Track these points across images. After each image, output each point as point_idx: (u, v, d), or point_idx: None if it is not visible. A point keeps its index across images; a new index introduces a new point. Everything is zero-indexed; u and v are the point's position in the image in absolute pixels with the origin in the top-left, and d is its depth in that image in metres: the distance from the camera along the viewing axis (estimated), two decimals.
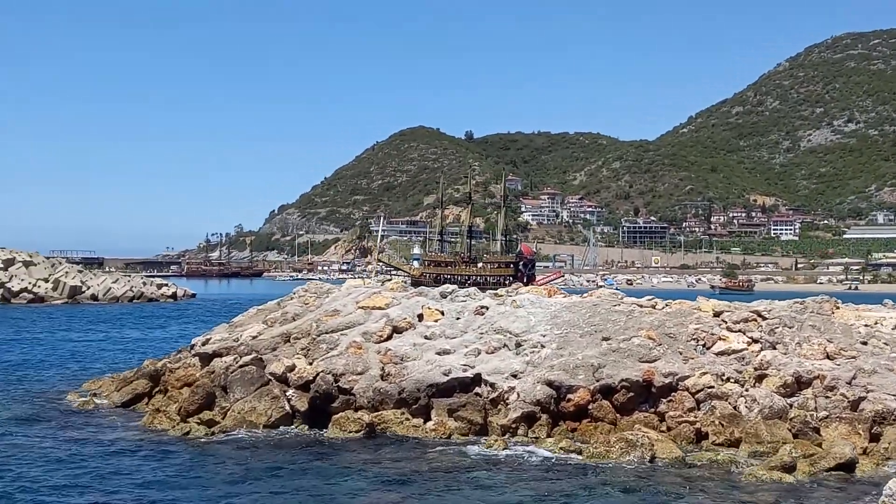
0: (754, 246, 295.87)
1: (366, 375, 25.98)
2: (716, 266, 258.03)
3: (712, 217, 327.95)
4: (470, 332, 27.91)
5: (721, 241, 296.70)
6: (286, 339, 28.83)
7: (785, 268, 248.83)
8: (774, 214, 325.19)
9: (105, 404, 29.66)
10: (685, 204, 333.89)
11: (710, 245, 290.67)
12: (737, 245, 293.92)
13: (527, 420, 24.28)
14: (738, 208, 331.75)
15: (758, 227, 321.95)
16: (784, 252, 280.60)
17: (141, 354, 46.01)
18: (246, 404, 25.78)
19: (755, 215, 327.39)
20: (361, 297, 30.18)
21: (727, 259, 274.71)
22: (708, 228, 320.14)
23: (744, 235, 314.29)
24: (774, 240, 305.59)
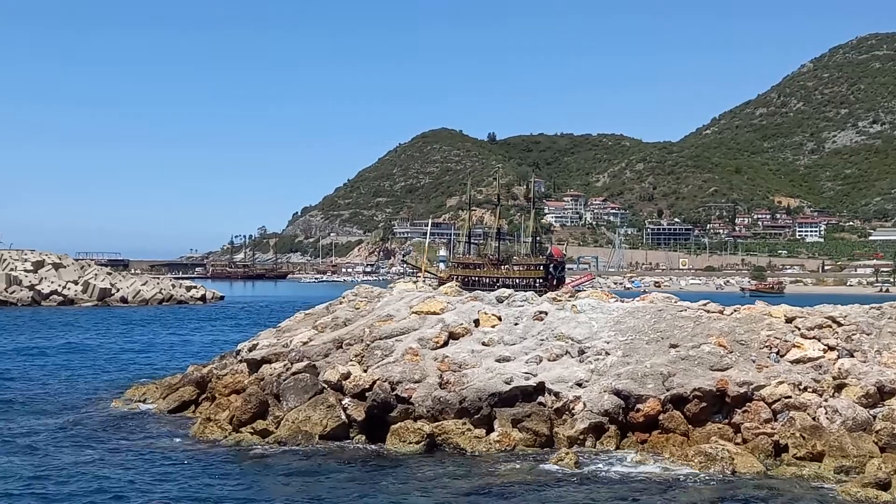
0: (780, 248, 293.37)
1: (424, 384, 25.01)
2: (741, 268, 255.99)
3: (737, 219, 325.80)
4: (529, 339, 26.91)
5: (746, 243, 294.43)
6: (338, 345, 27.92)
7: (812, 270, 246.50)
8: (799, 216, 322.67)
9: (152, 412, 28.88)
10: (709, 206, 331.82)
11: (735, 247, 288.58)
12: (762, 247, 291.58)
13: (594, 431, 23.28)
14: (763, 210, 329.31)
15: (783, 229, 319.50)
16: (810, 254, 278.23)
17: (179, 359, 45.41)
18: (300, 413, 24.85)
19: (780, 217, 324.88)
20: (415, 301, 29.22)
21: (752, 261, 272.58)
22: (732, 230, 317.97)
23: (768, 237, 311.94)
24: (800, 242, 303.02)
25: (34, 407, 29.97)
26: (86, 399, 31.63)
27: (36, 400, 31.42)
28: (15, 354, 46.29)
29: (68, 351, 48.48)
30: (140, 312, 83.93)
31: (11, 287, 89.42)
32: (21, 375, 37.94)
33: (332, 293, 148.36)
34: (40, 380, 36.74)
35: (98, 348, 50.11)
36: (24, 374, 38.26)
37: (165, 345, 53.53)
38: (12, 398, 31.72)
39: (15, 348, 49.36)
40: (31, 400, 31.37)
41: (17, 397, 31.92)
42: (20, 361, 43.29)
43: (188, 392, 29.59)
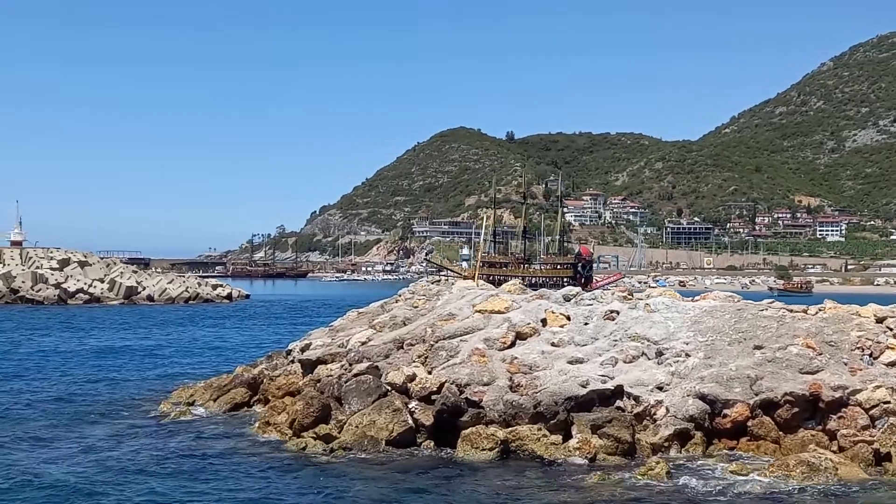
0: (801, 247, 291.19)
1: (493, 386, 23.75)
2: (763, 268, 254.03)
3: (757, 218, 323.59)
4: (602, 339, 25.60)
5: (766, 242, 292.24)
6: (399, 345, 26.70)
7: (835, 269, 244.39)
8: (820, 215, 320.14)
9: (203, 415, 27.70)
10: (729, 205, 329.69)
11: (756, 246, 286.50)
12: (783, 246, 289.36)
13: (679, 438, 21.97)
14: (783, 209, 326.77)
15: (803, 228, 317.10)
16: (832, 253, 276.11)
17: (220, 358, 44.50)
18: (364, 417, 23.62)
19: (800, 216, 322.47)
20: (478, 299, 27.96)
21: (774, 260, 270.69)
22: (752, 229, 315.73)
23: (789, 236, 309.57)
24: (820, 241, 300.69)
25: (82, 409, 28.89)
26: (132, 401, 30.54)
27: (82, 402, 30.35)
28: (54, 354, 45.32)
29: (106, 351, 47.48)
30: (169, 311, 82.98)
31: (38, 285, 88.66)
32: (63, 376, 36.93)
33: (353, 292, 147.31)
34: (83, 380, 35.70)
35: (135, 348, 49.07)
36: (67, 375, 37.22)
37: (203, 344, 52.46)
38: (58, 400, 30.66)
39: (53, 348, 48.37)
40: (78, 402, 30.32)
41: (62, 399, 30.89)
42: (61, 361, 42.28)
43: (240, 394, 28.45)
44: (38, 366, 40.37)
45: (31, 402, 30.07)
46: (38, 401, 30.43)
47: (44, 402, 30.33)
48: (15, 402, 30.01)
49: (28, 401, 30.39)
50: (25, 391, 32.48)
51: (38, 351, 46.72)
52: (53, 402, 30.34)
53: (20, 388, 33.51)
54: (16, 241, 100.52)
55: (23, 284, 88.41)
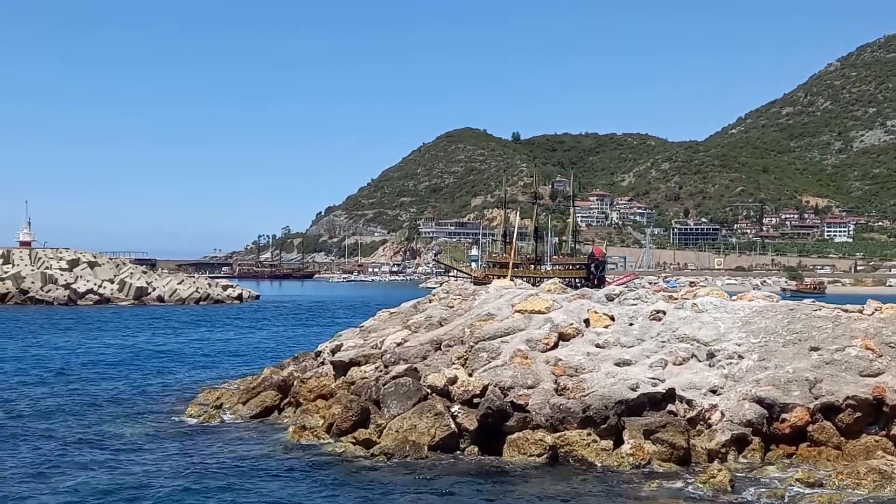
0: (809, 248, 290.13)
1: (538, 389, 22.83)
2: (772, 268, 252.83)
3: (764, 219, 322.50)
4: (648, 341, 24.66)
5: (774, 243, 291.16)
6: (437, 346, 25.79)
7: (844, 270, 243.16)
8: (828, 216, 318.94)
9: (232, 418, 26.78)
10: (736, 205, 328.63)
11: (763, 247, 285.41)
12: (792, 247, 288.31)
13: (736, 444, 21.00)
14: (791, 210, 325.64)
15: (811, 229, 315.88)
16: (840, 254, 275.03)
17: (241, 359, 43.65)
18: (405, 421, 22.69)
19: (808, 217, 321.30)
20: (517, 299, 27.02)
21: (782, 261, 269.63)
22: (760, 230, 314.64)
23: (796, 237, 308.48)
24: (828, 242, 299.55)
25: (105, 413, 28.00)
26: (157, 404, 29.64)
27: (105, 405, 29.45)
28: (71, 356, 44.40)
29: (125, 352, 46.57)
30: (181, 312, 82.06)
31: (47, 286, 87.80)
32: (83, 379, 35.98)
33: (363, 293, 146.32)
34: (104, 383, 34.78)
35: (154, 349, 48.11)
36: (87, 378, 36.29)
37: (221, 345, 51.54)
38: (80, 403, 29.75)
39: (69, 349, 47.47)
40: (101, 405, 29.42)
41: (85, 402, 29.96)
42: (79, 363, 41.37)
43: (270, 397, 27.50)
44: (58, 368, 39.44)
45: (55, 406, 29.19)
46: (62, 404, 29.55)
47: (68, 405, 29.46)
48: (38, 406, 29.12)
49: (51, 405, 29.50)
50: (47, 395, 31.54)
51: (56, 353, 45.77)
52: (77, 405, 29.47)
53: (41, 391, 32.61)
54: (25, 242, 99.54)
55: (32, 285, 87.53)
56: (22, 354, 44.51)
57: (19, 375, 36.67)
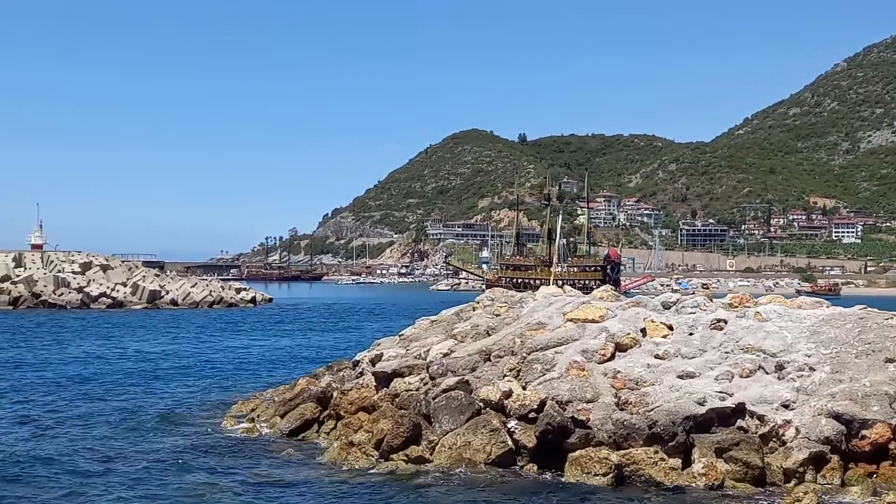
0: (818, 249, 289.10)
1: (598, 404, 21.65)
2: (781, 269, 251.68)
3: (772, 220, 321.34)
4: (711, 351, 23.47)
5: (782, 244, 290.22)
6: (486, 357, 24.63)
7: (854, 271, 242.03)
8: (835, 217, 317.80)
9: (270, 432, 25.62)
10: (743, 206, 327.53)
11: (772, 248, 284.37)
12: (800, 248, 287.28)
13: (814, 463, 19.79)
14: (798, 211, 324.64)
15: (818, 229, 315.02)
16: (849, 255, 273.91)
17: (267, 366, 42.60)
18: (458, 438, 21.54)
19: (815, 218, 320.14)
20: (568, 307, 25.84)
21: (791, 262, 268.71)
22: (767, 231, 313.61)
23: (804, 238, 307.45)
24: (836, 243, 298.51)
25: (133, 425, 26.82)
26: (189, 415, 28.47)
27: (132, 417, 28.24)
28: (92, 363, 43.20)
29: (146, 358, 45.43)
30: (196, 316, 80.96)
31: (60, 289, 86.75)
32: (107, 388, 34.80)
33: (375, 295, 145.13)
34: (129, 392, 33.63)
35: (176, 355, 46.93)
36: (110, 387, 35.11)
37: (244, 351, 50.35)
38: (103, 414, 28.63)
39: (87, 356, 46.26)
40: (128, 417, 28.22)
41: (108, 414, 28.81)
42: (101, 371, 40.20)
43: (309, 409, 26.31)
44: (78, 375, 38.36)
45: (81, 416, 28.06)
46: (87, 413, 28.44)
47: (94, 413, 28.36)
48: (63, 417, 27.99)
49: (77, 414, 28.38)
50: (68, 407, 30.36)
51: (77, 359, 44.69)
52: (105, 413, 28.37)
53: (64, 399, 31.50)
54: (36, 245, 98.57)
55: (45, 288, 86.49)
56: (42, 362, 43.42)
57: (39, 385, 35.55)
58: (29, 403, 30.70)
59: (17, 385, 35.09)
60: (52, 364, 42.43)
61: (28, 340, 54.34)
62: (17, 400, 31.34)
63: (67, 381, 36.40)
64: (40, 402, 31.14)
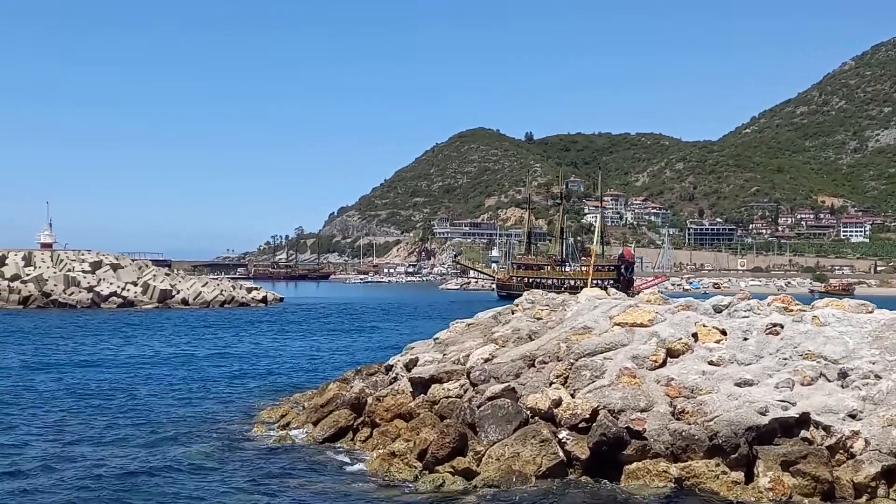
0: (827, 248, 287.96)
1: (653, 413, 20.60)
2: (790, 269, 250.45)
3: (779, 219, 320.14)
4: (768, 357, 22.39)
5: (790, 243, 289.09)
6: (530, 362, 23.58)
7: (864, 270, 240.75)
8: (843, 216, 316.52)
9: (304, 440, 24.60)
10: (751, 205, 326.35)
11: (780, 247, 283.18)
12: (809, 247, 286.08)
13: (887, 477, 18.73)
14: (806, 210, 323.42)
15: (826, 229, 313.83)
16: (858, 254, 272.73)
17: (289, 368, 41.55)
18: (506, 449, 20.49)
19: (823, 217, 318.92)
20: (615, 310, 24.78)
21: (800, 262, 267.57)
22: (775, 230, 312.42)
23: (812, 237, 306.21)
24: (844, 242, 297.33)
25: (160, 432, 25.79)
26: (216, 422, 27.42)
27: (157, 422, 27.26)
28: (111, 366, 42.16)
29: (164, 361, 44.39)
30: (208, 315, 79.95)
31: (70, 288, 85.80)
32: (129, 391, 33.77)
33: (385, 295, 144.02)
34: (151, 397, 32.58)
35: (195, 358, 45.85)
36: (131, 390, 34.08)
37: (263, 353, 49.25)
38: (127, 420, 27.62)
39: (101, 358, 45.22)
40: (153, 422, 27.22)
41: (132, 419, 27.81)
42: (120, 374, 39.17)
43: (343, 416, 25.29)
44: (96, 378, 37.35)
45: (101, 423, 27.06)
46: (108, 419, 27.45)
47: (113, 419, 27.38)
48: (89, 429, 26.95)
49: (96, 421, 27.39)
50: (97, 414, 29.35)
51: (89, 361, 43.69)
52: (123, 418, 27.39)
53: (84, 404, 30.51)
54: (46, 244, 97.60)
55: (55, 288, 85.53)
56: (64, 363, 42.47)
57: (63, 390, 34.57)
58: (47, 412, 29.74)
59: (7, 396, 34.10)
60: (67, 370, 41.44)
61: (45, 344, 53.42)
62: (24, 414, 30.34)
63: (78, 389, 35.41)
64: (55, 412, 30.16)
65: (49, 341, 53.45)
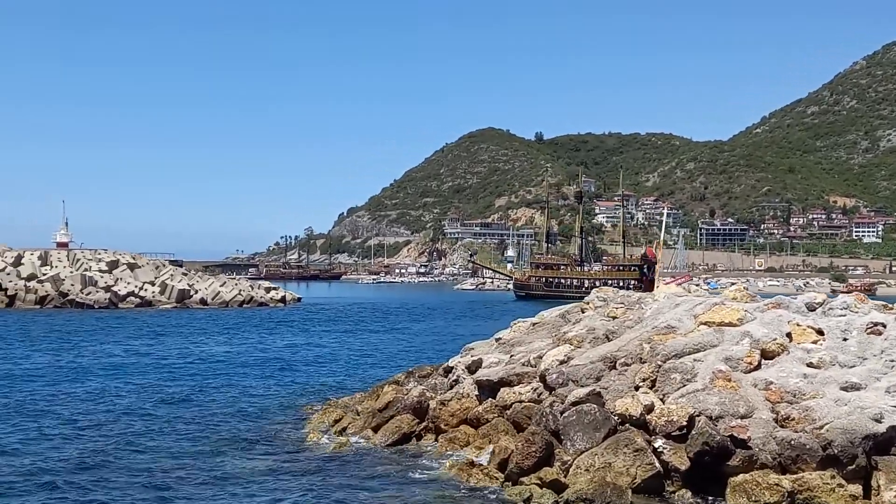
0: (840, 248, 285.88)
1: (754, 420, 18.92)
2: (803, 269, 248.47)
3: (791, 219, 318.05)
4: (872, 359, 20.72)
5: (803, 243, 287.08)
6: (611, 364, 21.92)
7: (879, 271, 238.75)
8: (856, 216, 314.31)
9: (365, 447, 22.95)
10: (763, 205, 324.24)
11: (792, 247, 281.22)
12: (822, 248, 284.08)
13: None
14: (818, 210, 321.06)
15: (839, 229, 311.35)
16: (873, 255, 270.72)
17: (327, 370, 39.98)
18: (596, 458, 18.83)
19: (835, 217, 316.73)
20: (700, 308, 23.11)
21: (813, 262, 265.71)
22: (787, 230, 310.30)
23: (824, 237, 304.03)
24: (857, 242, 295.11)
25: (215, 437, 24.27)
26: (266, 427, 25.80)
27: (209, 427, 25.68)
28: (148, 367, 40.52)
29: (200, 361, 42.80)
30: (229, 315, 78.33)
31: (87, 288, 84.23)
32: (171, 394, 32.14)
33: (400, 295, 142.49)
34: (196, 399, 31.01)
35: (228, 360, 44.10)
36: (173, 393, 32.46)
37: (299, 354, 47.43)
38: (180, 425, 26.03)
39: (136, 360, 43.54)
40: (205, 427, 25.65)
41: (185, 424, 26.24)
42: (160, 376, 37.56)
43: (406, 422, 23.71)
44: (132, 382, 35.77)
45: (146, 429, 25.48)
46: (154, 430, 25.86)
47: (161, 431, 25.77)
48: (128, 429, 25.41)
49: (141, 427, 25.82)
50: (136, 420, 27.69)
51: (120, 363, 42.13)
52: (171, 430, 25.77)
53: (125, 408, 28.91)
54: (62, 243, 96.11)
55: (72, 287, 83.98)
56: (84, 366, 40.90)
57: (95, 394, 32.98)
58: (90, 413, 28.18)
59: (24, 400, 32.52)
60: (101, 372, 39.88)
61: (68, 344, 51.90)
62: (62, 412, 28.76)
63: (119, 385, 33.85)
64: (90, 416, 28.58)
65: (87, 342, 51.94)
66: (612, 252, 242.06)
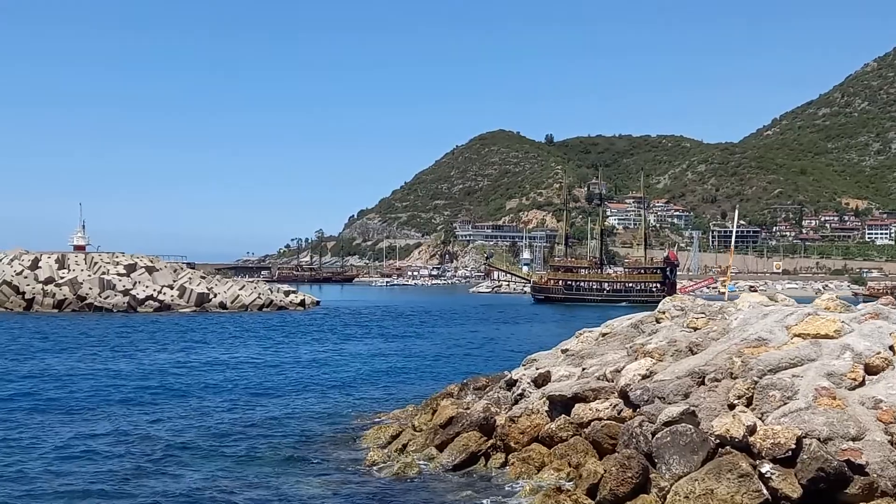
0: (854, 251, 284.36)
1: (868, 442, 17.31)
2: (817, 272, 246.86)
3: (803, 221, 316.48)
4: None
5: (815, 245, 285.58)
6: (699, 380, 20.33)
7: (893, 273, 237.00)
8: (868, 218, 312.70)
9: (431, 468, 21.40)
10: (775, 208, 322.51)
11: (805, 250, 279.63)
12: (836, 250, 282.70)
13: None
14: (830, 212, 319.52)
15: (851, 231, 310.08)
16: (886, 257, 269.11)
17: (367, 380, 38.32)
18: (695, 484, 17.24)
19: (848, 219, 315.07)
20: (792, 319, 21.51)
21: (827, 264, 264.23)
22: (800, 233, 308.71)
23: (837, 240, 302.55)
24: (870, 244, 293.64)
25: (265, 455, 22.80)
26: (315, 445, 24.25)
27: (257, 444, 24.15)
28: (184, 376, 38.98)
29: (229, 371, 41.22)
30: (250, 320, 76.80)
31: (105, 292, 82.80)
32: (210, 407, 30.57)
33: (415, 298, 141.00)
34: (236, 412, 29.42)
35: (259, 368, 42.55)
36: (212, 406, 30.91)
37: (334, 362, 45.86)
38: (213, 437, 24.56)
39: (162, 369, 42.01)
40: (253, 444, 24.13)
41: (218, 435, 24.78)
42: (184, 384, 36.06)
43: (474, 440, 22.14)
44: (175, 393, 34.26)
45: (182, 443, 23.99)
46: (189, 439, 24.41)
47: (193, 438, 24.34)
48: (163, 444, 23.91)
49: (178, 441, 24.31)
50: (174, 436, 26.11)
51: (159, 370, 40.67)
52: (206, 438, 24.34)
53: (159, 419, 27.40)
54: (79, 246, 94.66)
55: (90, 291, 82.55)
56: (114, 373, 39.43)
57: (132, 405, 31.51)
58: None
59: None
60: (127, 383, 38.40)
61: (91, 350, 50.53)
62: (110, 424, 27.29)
63: (154, 394, 32.36)
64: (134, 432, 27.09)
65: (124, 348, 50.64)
66: (622, 255, 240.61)
